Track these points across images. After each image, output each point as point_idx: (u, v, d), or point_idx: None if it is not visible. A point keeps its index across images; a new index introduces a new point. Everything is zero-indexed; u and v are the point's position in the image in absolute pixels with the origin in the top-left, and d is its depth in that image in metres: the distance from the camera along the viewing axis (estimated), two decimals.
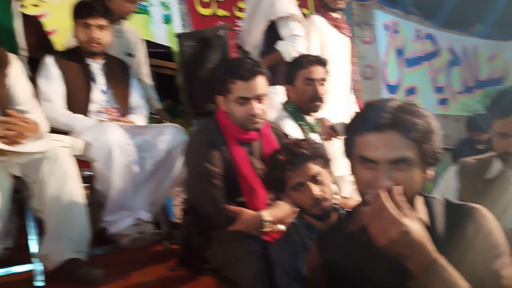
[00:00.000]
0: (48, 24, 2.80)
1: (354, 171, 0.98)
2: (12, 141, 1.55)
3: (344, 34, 2.59)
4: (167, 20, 3.88)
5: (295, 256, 1.28)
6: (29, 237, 1.67)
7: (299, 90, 1.93)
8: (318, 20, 2.51)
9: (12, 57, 1.85)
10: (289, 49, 2.29)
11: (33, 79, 1.98)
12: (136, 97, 2.26)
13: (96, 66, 2.14)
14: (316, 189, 1.29)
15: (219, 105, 1.60)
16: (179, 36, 3.29)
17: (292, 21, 2.33)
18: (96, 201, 1.86)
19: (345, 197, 1.83)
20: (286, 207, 1.57)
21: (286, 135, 1.72)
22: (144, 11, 3.78)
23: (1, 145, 1.52)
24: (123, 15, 2.58)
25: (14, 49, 2.07)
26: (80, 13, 2.06)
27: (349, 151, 0.99)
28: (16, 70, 1.84)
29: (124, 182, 1.84)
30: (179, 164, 1.95)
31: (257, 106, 1.53)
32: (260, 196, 1.55)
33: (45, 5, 3.13)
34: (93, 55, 2.12)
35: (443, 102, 5.91)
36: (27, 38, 2.25)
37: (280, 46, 2.33)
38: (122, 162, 1.82)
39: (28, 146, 1.58)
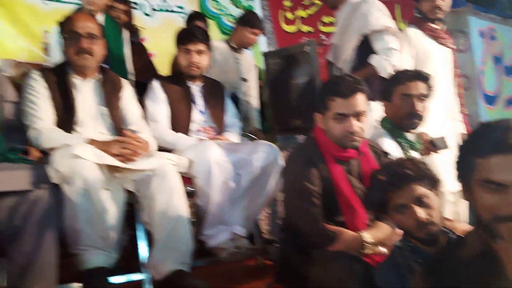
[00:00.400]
0: (147, 48, 3.06)
1: (472, 195, 0.93)
2: (126, 159, 1.71)
3: (445, 45, 2.46)
4: None
5: (401, 281, 1.23)
6: (139, 247, 1.81)
7: (396, 106, 1.87)
8: (413, 32, 2.42)
9: (124, 82, 2.05)
10: (383, 64, 2.23)
11: (140, 101, 2.18)
12: (230, 116, 2.39)
13: (195, 88, 2.30)
14: (421, 212, 1.23)
15: (317, 122, 1.61)
16: (266, 54, 3.40)
17: (387, 34, 2.27)
18: (197, 215, 1.97)
19: (448, 219, 1.72)
20: (387, 228, 1.52)
21: (385, 153, 1.67)
22: (231, 32, 3.97)
23: (118, 163, 1.68)
24: (246, 45, 2.86)
25: (124, 74, 2.30)
26: (182, 40, 2.24)
27: (467, 174, 0.93)
28: (128, 93, 2.04)
29: (222, 198, 1.92)
30: (272, 181, 1.99)
31: (355, 124, 1.51)
32: (359, 216, 1.52)
33: (145, 31, 3.42)
34: (193, 78, 2.27)
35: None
36: (134, 63, 2.49)
37: (374, 60, 2.28)
38: (220, 179, 1.91)
39: (140, 164, 1.73)
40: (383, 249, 1.48)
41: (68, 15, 1.97)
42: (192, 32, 2.26)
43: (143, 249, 1.81)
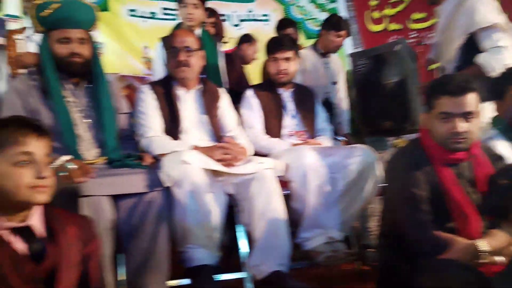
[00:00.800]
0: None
1: None
2: (228, 164, 1.80)
3: None
4: None
5: None
6: (239, 247, 1.89)
7: (509, 105, 1.73)
8: None
9: (221, 91, 2.17)
10: (492, 63, 2.08)
11: (235, 109, 2.28)
12: (321, 121, 2.41)
13: (286, 94, 2.36)
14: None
15: (422, 123, 1.56)
16: (352, 55, 3.34)
17: (495, 32, 2.11)
18: (292, 218, 2.00)
19: None
20: (504, 237, 1.40)
21: (499, 157, 1.55)
22: (317, 35, 3.98)
23: (221, 168, 1.78)
24: (333, 49, 2.87)
25: (220, 84, 2.43)
26: (270, 49, 2.32)
27: None
28: (225, 102, 2.15)
29: (318, 201, 1.93)
30: (369, 186, 1.96)
31: (461, 124, 1.43)
32: (473, 222, 1.43)
33: (233, 40, 3.56)
34: (284, 85, 2.33)
35: None
36: (228, 73, 2.61)
37: (481, 59, 2.13)
38: (315, 182, 1.92)
39: (241, 168, 1.81)
40: (501, 259, 1.37)
41: (170, 32, 2.13)
42: (279, 41, 2.34)
43: (243, 249, 1.88)
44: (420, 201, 1.43)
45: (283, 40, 2.37)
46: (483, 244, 1.36)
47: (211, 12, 2.93)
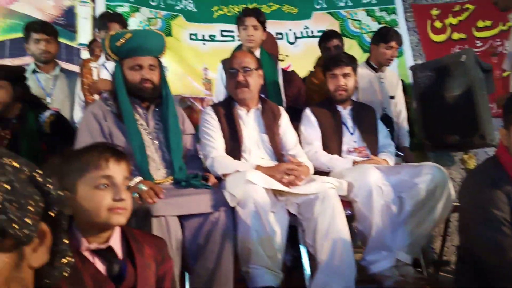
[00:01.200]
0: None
1: None
2: (291, 183, 1.80)
3: None
4: (399, 53, 3.89)
5: None
6: (304, 269, 1.86)
7: None
8: None
9: (281, 110, 2.18)
10: None
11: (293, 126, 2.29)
12: (382, 137, 2.35)
13: (345, 112, 2.35)
14: None
15: (502, 139, 1.46)
16: (414, 68, 3.23)
17: None
18: (355, 240, 1.94)
19: None
20: None
21: None
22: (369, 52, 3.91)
23: (284, 187, 1.78)
24: (386, 62, 2.80)
25: (280, 102, 2.45)
26: (328, 65, 2.32)
27: None
28: (285, 120, 2.17)
29: (383, 222, 1.87)
30: (440, 205, 1.86)
31: None
32: None
33: (289, 58, 3.59)
34: (342, 102, 2.32)
35: None
36: (286, 90, 2.63)
37: None
38: (381, 202, 1.86)
39: (304, 188, 1.80)
40: None
41: (231, 54, 2.19)
42: (337, 57, 2.34)
43: (306, 270, 1.85)
44: (500, 222, 1.34)
45: (342, 56, 2.37)
46: None
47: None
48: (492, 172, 1.43)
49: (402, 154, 2.67)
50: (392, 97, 2.82)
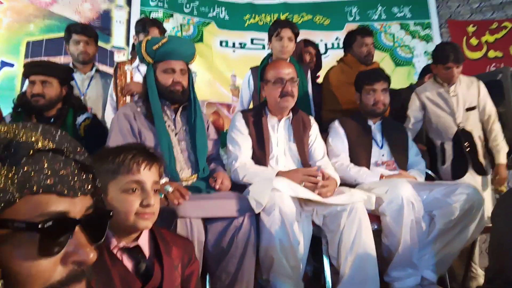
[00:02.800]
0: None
1: None
2: (320, 195, 1.77)
3: None
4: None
5: None
6: (326, 281, 1.82)
7: None
8: None
9: (311, 120, 2.17)
10: None
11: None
12: (412, 154, 2.32)
13: (374, 126, 2.33)
14: None
15: None
16: None
17: None
18: (380, 255, 1.89)
19: None
20: None
21: None
22: (408, 63, 3.86)
23: (312, 196, 1.76)
24: (450, 82, 2.60)
25: (310, 112, 2.44)
26: (367, 80, 2.32)
27: None
28: (314, 131, 2.15)
29: (411, 239, 1.81)
30: (473, 226, 1.80)
31: None
32: None
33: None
34: (375, 116, 2.30)
35: None
36: (315, 99, 2.62)
37: None
38: (411, 218, 1.81)
39: (332, 199, 1.78)
40: None
41: (267, 62, 2.19)
42: (377, 72, 2.35)
43: (329, 283, 1.81)
44: None
45: (381, 71, 2.39)
46: None
47: (312, 44, 3.01)
48: None
49: (433, 174, 2.58)
50: (470, 109, 2.57)
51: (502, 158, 2.49)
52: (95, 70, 2.79)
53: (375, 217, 1.88)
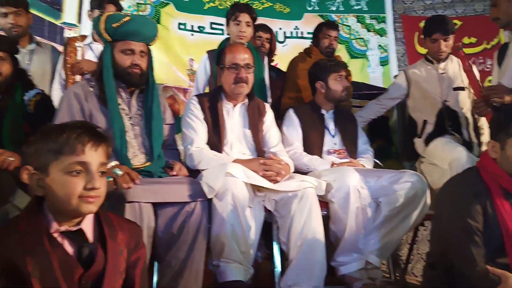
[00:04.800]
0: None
1: None
2: (271, 180, 1.79)
3: None
4: (384, 62, 3.94)
5: None
6: (275, 266, 1.86)
7: None
8: None
9: (267, 106, 2.18)
10: None
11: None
12: (362, 143, 2.39)
13: (327, 114, 2.38)
14: None
15: (489, 151, 1.49)
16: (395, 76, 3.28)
17: None
18: (330, 240, 1.95)
19: None
20: None
21: None
22: (362, 55, 3.97)
23: (265, 183, 1.78)
24: (437, 56, 2.55)
25: (265, 99, 2.45)
26: (334, 68, 2.36)
27: None
28: (270, 117, 2.16)
29: (357, 225, 1.88)
30: (416, 213, 1.90)
31: None
32: None
33: (276, 57, 3.58)
34: (325, 105, 2.38)
35: None
36: (272, 89, 2.63)
37: None
38: (357, 205, 1.88)
39: (283, 185, 1.80)
40: None
41: (224, 46, 2.16)
42: (339, 61, 2.41)
43: (277, 268, 1.85)
44: (474, 233, 1.38)
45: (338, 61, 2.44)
46: None
47: (267, 28, 2.98)
48: (472, 183, 1.46)
49: (380, 163, 2.67)
50: (458, 89, 2.53)
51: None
52: (36, 43, 2.61)
53: (324, 203, 1.93)
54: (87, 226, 1.09)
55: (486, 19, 2.74)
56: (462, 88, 2.52)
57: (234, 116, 2.09)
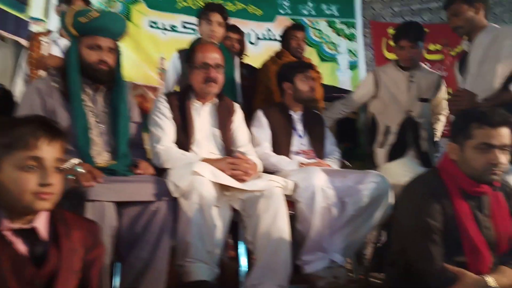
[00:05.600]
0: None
1: None
2: (238, 179, 1.79)
3: None
4: (353, 66, 4.03)
5: None
6: (240, 265, 1.86)
7: None
8: None
9: (236, 106, 2.18)
10: None
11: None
12: (329, 144, 2.42)
13: (296, 115, 2.40)
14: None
15: (448, 153, 1.53)
16: None
17: None
18: (296, 240, 1.97)
19: None
20: None
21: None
22: (332, 59, 4.04)
23: (232, 182, 1.77)
24: (405, 64, 2.57)
25: (235, 99, 2.45)
26: (302, 70, 2.38)
27: None
28: (239, 117, 2.17)
29: (323, 224, 1.91)
30: (379, 213, 1.94)
31: (501, 156, 1.42)
32: (484, 258, 1.41)
33: (248, 58, 3.60)
34: (294, 107, 2.40)
35: None
36: (244, 88, 2.64)
37: None
38: (322, 204, 1.90)
39: (250, 184, 1.80)
40: None
41: (195, 45, 2.14)
42: (305, 62, 2.44)
43: (243, 267, 1.85)
44: (433, 232, 1.41)
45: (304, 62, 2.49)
46: (491, 280, 1.34)
47: (237, 29, 2.98)
48: (432, 183, 1.50)
49: (347, 163, 2.72)
50: (423, 100, 2.54)
51: None
52: None
53: (291, 203, 1.94)
54: (41, 224, 1.06)
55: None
56: (427, 100, 2.56)
57: (203, 115, 2.08)
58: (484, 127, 1.42)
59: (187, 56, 2.19)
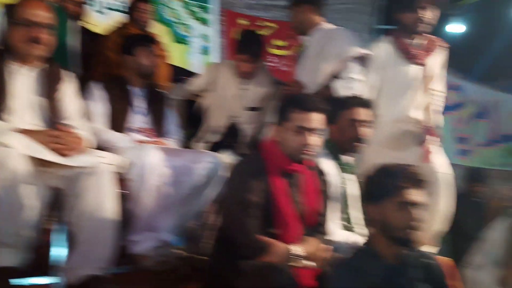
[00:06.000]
0: None
1: None
2: (60, 154, 1.61)
3: (416, 63, 2.36)
4: (205, 51, 4.06)
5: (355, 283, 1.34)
6: (55, 249, 1.70)
7: (341, 130, 1.92)
8: (384, 50, 2.38)
9: (66, 74, 1.95)
10: (341, 90, 2.24)
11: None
12: (171, 123, 2.37)
13: (136, 91, 2.29)
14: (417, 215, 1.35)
15: (272, 134, 1.66)
16: None
17: (353, 62, 2.30)
18: (124, 219, 1.88)
19: None
20: (317, 243, 1.59)
21: (322, 172, 1.74)
22: (184, 41, 3.98)
23: (50, 156, 1.58)
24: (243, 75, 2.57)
25: (66, 66, 2.20)
26: (140, 42, 2.30)
27: None
28: (69, 87, 1.94)
29: (154, 203, 1.88)
30: (211, 192, 2.00)
31: (312, 138, 1.58)
32: (292, 230, 1.56)
33: (97, 28, 3.30)
34: (136, 82, 2.29)
35: (463, 153, 5.79)
36: (84, 57, 2.41)
37: (336, 84, 2.29)
38: (154, 183, 1.87)
39: (73, 160, 1.63)
40: (311, 263, 1.53)
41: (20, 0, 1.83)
42: (150, 38, 2.38)
43: (58, 251, 1.70)
44: (249, 206, 1.52)
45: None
46: (296, 249, 1.51)
47: None
48: (253, 163, 1.63)
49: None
50: (253, 109, 2.59)
51: None
52: None
53: (122, 181, 1.85)
54: None
55: None
56: (254, 109, 2.60)
57: (23, 80, 1.79)
58: (299, 111, 1.58)
59: (9, 10, 1.87)
